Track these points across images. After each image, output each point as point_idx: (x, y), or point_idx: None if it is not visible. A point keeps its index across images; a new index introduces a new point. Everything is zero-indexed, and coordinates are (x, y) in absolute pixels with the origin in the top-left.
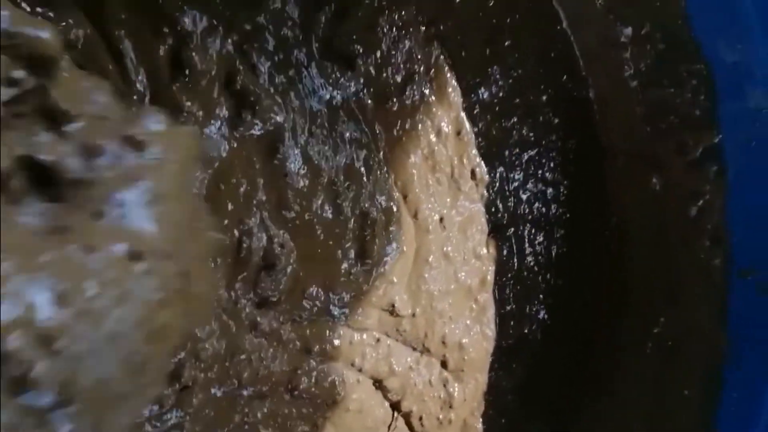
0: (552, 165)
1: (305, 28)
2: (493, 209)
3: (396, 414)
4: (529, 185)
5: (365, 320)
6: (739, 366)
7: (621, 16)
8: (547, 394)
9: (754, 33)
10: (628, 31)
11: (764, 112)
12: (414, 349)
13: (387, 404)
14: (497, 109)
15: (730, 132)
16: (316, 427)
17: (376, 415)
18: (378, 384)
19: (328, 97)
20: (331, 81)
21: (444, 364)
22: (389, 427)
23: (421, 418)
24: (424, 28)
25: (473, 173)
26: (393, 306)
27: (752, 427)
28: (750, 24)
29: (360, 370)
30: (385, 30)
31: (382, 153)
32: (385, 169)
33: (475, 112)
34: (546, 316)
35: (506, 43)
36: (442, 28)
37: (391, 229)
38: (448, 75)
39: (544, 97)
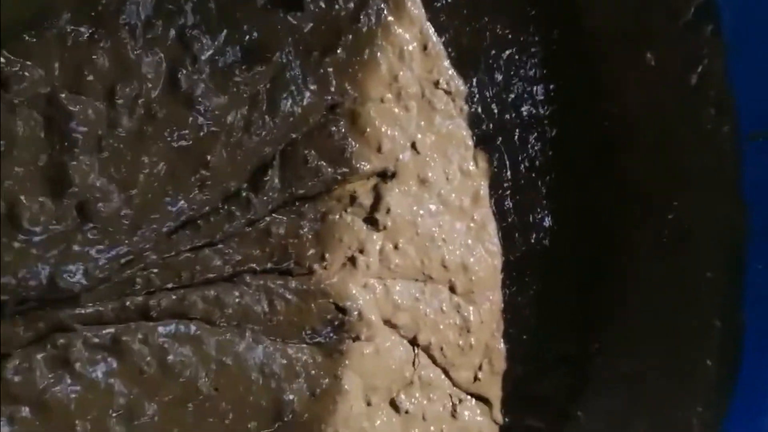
0: (535, 61)
1: None
2: (476, 121)
3: (416, 349)
4: (513, 88)
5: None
6: (762, 235)
7: None
8: (567, 303)
9: None
10: None
11: None
12: (416, 280)
13: (405, 341)
14: (465, 11)
15: None
16: (337, 378)
17: (396, 355)
18: (388, 323)
19: (274, 54)
20: (282, 30)
21: (452, 289)
22: (413, 364)
23: (441, 349)
24: None
25: (448, 87)
26: (361, 251)
27: None
28: None
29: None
30: None
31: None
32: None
33: (441, 19)
34: (551, 222)
35: None
36: None
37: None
38: None
39: None
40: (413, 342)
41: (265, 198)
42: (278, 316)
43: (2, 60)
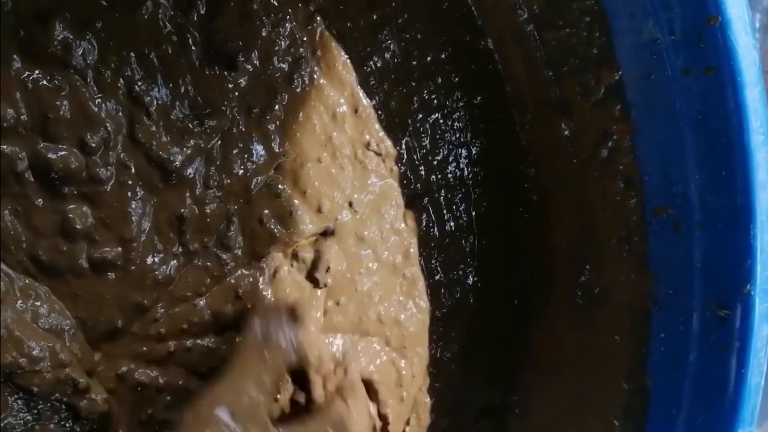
0: (460, 125)
1: (181, 35)
2: (405, 181)
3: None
4: (439, 150)
5: None
6: (665, 305)
7: None
8: (489, 358)
9: None
10: None
11: (658, 43)
12: (352, 334)
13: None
14: (393, 76)
15: (629, 67)
16: None
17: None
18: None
19: (220, 110)
20: (216, 89)
21: (387, 343)
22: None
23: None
24: (301, 5)
25: (378, 149)
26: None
27: (679, 367)
28: None
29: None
30: (261, 16)
31: (269, 156)
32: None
33: (371, 83)
34: (475, 279)
35: (392, 4)
36: (321, 0)
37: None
38: (336, 51)
39: (443, 55)
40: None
41: (232, 254)
42: None
43: None
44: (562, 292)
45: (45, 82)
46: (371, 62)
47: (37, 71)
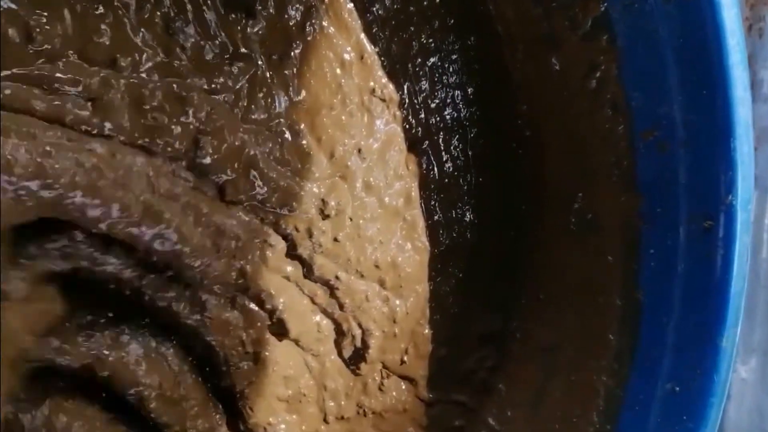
0: (455, 67)
1: None
2: (406, 126)
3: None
4: (437, 93)
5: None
6: (653, 222)
7: None
8: (487, 288)
9: None
10: None
11: None
12: (346, 271)
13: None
14: (394, 22)
15: None
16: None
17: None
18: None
19: (246, 54)
20: (240, 35)
21: (381, 283)
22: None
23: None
24: None
25: (382, 95)
26: (311, 234)
27: (669, 279)
28: None
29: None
30: None
31: (290, 99)
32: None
33: (373, 31)
34: (472, 217)
35: None
36: None
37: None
38: None
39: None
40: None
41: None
42: None
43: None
44: (556, 220)
45: (91, 9)
46: (373, 9)
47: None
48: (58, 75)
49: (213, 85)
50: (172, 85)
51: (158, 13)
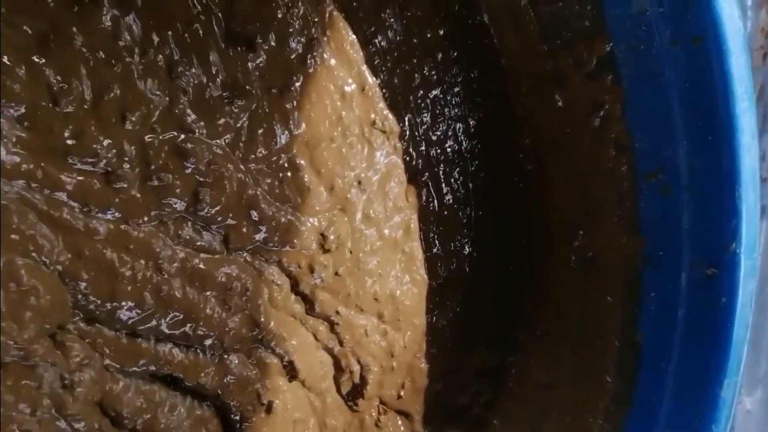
0: (458, 100)
1: (208, 16)
2: (407, 158)
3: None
4: (438, 125)
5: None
6: (655, 265)
7: None
8: (485, 323)
9: None
10: None
11: (648, 15)
12: (346, 306)
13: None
14: (396, 54)
15: (620, 39)
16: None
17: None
18: (315, 336)
19: (247, 90)
20: (241, 70)
21: (380, 317)
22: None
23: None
24: None
25: (383, 126)
26: (312, 270)
27: (669, 324)
28: None
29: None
30: None
31: (290, 134)
32: (294, 151)
33: (375, 62)
34: (471, 250)
35: None
36: None
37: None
38: (344, 31)
39: (441, 31)
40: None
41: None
42: None
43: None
44: (556, 257)
45: (103, 56)
46: (376, 41)
47: (93, 49)
48: (81, 148)
49: (214, 129)
50: (175, 138)
51: (161, 56)
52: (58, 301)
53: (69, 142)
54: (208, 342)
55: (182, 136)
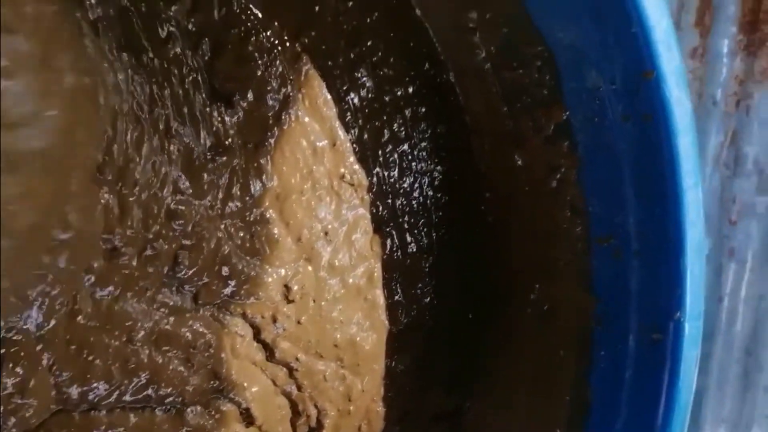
0: (424, 154)
1: (195, 74)
2: (374, 209)
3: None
4: (405, 178)
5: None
6: (606, 325)
7: (464, 2)
8: (440, 369)
9: (583, 17)
10: (474, 15)
11: (602, 90)
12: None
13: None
14: (367, 111)
15: (576, 110)
16: None
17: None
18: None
19: (227, 145)
20: (221, 126)
21: (340, 361)
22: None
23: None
24: (289, 44)
25: (352, 180)
26: (275, 319)
27: (617, 383)
28: (578, 9)
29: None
30: (256, 57)
31: (264, 187)
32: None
33: (347, 119)
34: (432, 297)
35: (368, 43)
36: (306, 41)
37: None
38: (318, 89)
39: (410, 89)
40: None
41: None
42: None
43: None
44: (514, 308)
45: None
46: (348, 98)
47: None
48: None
49: (200, 189)
50: (171, 201)
51: (163, 114)
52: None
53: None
54: (169, 400)
55: (176, 198)
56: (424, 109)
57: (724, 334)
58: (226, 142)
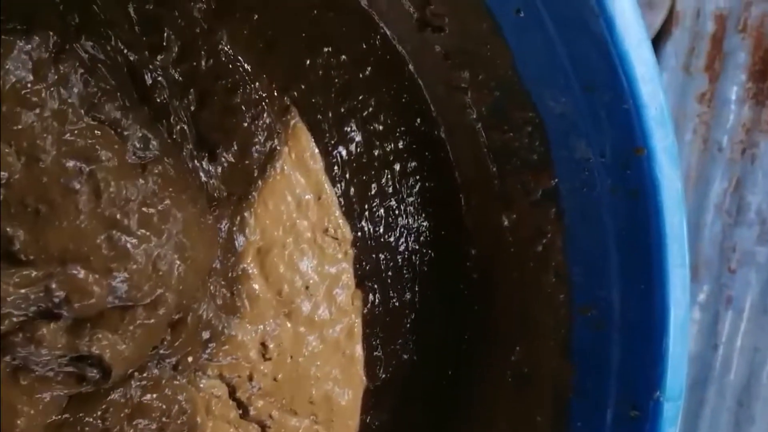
0: (411, 210)
1: (183, 124)
2: (356, 264)
3: None
4: (391, 233)
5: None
6: (584, 395)
7: (457, 62)
8: (416, 426)
9: (573, 88)
10: (466, 75)
11: (591, 162)
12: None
13: None
14: (355, 165)
15: (565, 177)
16: None
17: None
18: None
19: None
20: (205, 178)
21: (314, 419)
22: None
23: None
24: (278, 97)
25: (336, 234)
26: (251, 378)
27: None
28: (570, 80)
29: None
30: (242, 110)
31: (246, 241)
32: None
33: (334, 173)
34: (411, 354)
35: (360, 98)
36: (296, 94)
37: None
38: (306, 142)
39: (401, 144)
40: None
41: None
42: None
43: None
44: (493, 367)
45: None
46: (336, 152)
47: None
48: None
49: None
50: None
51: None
52: None
53: None
54: None
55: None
56: (413, 164)
57: (718, 382)
58: (215, 194)
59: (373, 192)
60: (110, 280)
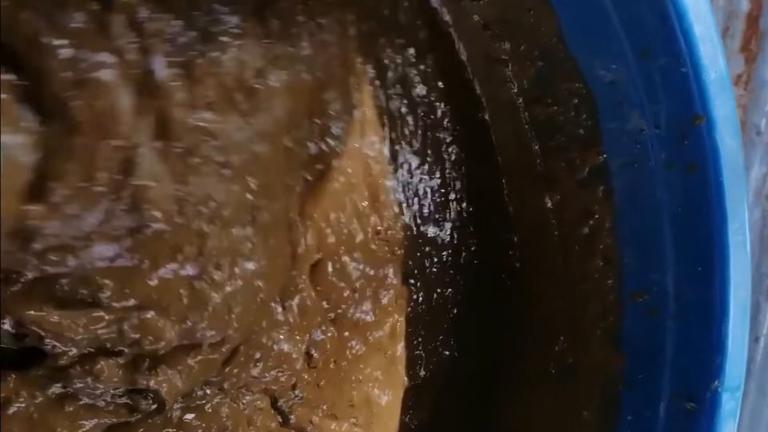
0: (456, 201)
1: None
2: (403, 264)
3: None
4: (436, 227)
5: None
6: (634, 388)
7: (497, 32)
8: (456, 424)
9: (626, 54)
10: (507, 46)
11: (644, 134)
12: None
13: None
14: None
15: (614, 153)
16: None
17: None
18: None
19: None
20: None
21: (354, 422)
22: None
23: None
24: None
25: (386, 236)
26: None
27: None
28: (622, 45)
29: None
30: None
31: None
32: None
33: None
34: (452, 351)
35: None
36: None
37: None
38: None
39: (451, 133)
40: None
41: None
42: None
43: None
44: (536, 360)
45: None
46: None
47: None
48: None
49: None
50: None
51: None
52: None
53: None
54: None
55: None
56: (462, 154)
57: (759, 377)
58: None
59: (423, 187)
60: (184, 325)
